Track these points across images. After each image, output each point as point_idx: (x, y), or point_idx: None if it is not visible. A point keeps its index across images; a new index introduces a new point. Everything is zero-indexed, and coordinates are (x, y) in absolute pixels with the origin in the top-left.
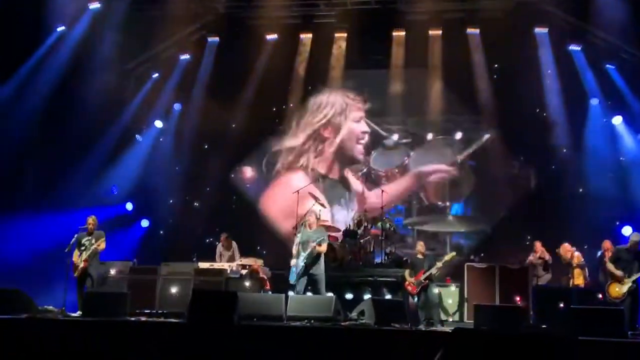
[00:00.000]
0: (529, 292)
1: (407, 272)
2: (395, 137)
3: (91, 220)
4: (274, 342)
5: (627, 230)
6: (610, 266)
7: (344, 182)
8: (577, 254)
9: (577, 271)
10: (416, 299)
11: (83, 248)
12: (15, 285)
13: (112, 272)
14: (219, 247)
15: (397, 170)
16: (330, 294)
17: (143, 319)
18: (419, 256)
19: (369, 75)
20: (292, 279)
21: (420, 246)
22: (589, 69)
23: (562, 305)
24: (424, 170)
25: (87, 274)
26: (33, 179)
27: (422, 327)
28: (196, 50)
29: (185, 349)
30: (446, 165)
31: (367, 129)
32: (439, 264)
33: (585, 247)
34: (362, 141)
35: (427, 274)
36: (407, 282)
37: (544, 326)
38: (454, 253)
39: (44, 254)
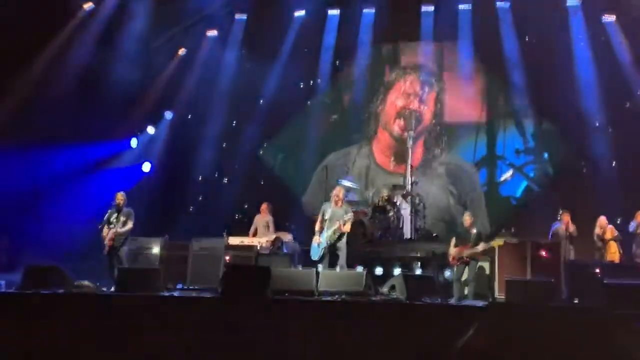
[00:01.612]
0: (561, 267)
1: (452, 241)
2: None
3: (120, 196)
4: (306, 317)
5: None
6: None
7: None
8: (610, 227)
9: (611, 245)
10: (451, 273)
11: (112, 225)
12: (52, 261)
13: (143, 248)
14: (257, 217)
15: None
16: (360, 269)
17: (176, 294)
18: (466, 228)
19: (398, 51)
20: (315, 256)
21: (467, 218)
22: (623, 40)
23: (594, 280)
24: None
25: (115, 251)
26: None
27: (453, 301)
28: (224, 27)
29: (219, 323)
30: None
31: (404, 104)
32: (483, 247)
33: (619, 220)
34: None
35: (471, 251)
36: (449, 252)
37: (575, 301)
38: (501, 241)
39: (81, 230)
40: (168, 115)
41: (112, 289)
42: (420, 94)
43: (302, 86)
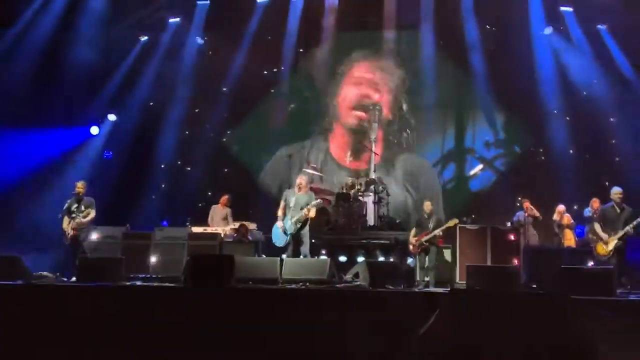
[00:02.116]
0: (520, 252)
1: (412, 232)
2: None
3: (80, 185)
4: (270, 305)
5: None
6: (597, 227)
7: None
8: (567, 215)
9: (567, 232)
10: (413, 260)
11: (73, 215)
12: (11, 252)
13: (104, 237)
14: (214, 207)
15: None
16: (324, 257)
17: (138, 283)
18: (426, 216)
19: (361, 38)
20: (280, 242)
21: (427, 205)
22: (580, 29)
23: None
24: None
25: (78, 241)
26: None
27: (416, 288)
28: (186, 13)
29: (182, 313)
30: None
31: (363, 94)
32: (439, 230)
33: (576, 207)
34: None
35: (431, 236)
36: (410, 242)
37: (534, 286)
38: (456, 220)
39: (37, 220)
40: (112, 117)
41: (73, 279)
42: (380, 83)
43: (265, 73)
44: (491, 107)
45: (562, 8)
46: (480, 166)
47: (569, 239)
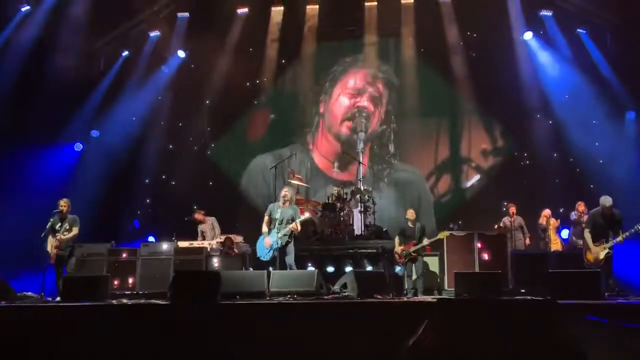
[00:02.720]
0: (507, 257)
1: (396, 240)
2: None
3: (64, 203)
4: (258, 319)
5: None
6: (587, 236)
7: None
8: (552, 220)
9: (553, 236)
10: (401, 268)
11: (57, 234)
12: None
13: (90, 255)
14: (199, 227)
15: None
16: (312, 268)
17: (124, 301)
18: (410, 225)
19: (343, 47)
20: (265, 256)
21: (410, 214)
22: (560, 33)
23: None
24: None
25: (62, 260)
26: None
27: (405, 297)
28: (166, 27)
29: (169, 330)
30: None
31: (348, 103)
32: (428, 241)
33: (561, 210)
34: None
35: (418, 247)
36: (395, 251)
37: (522, 290)
38: (447, 232)
39: (20, 240)
40: (94, 133)
41: (58, 298)
42: (369, 90)
43: (248, 85)
44: (477, 113)
45: (542, 12)
46: (478, 176)
47: (556, 243)
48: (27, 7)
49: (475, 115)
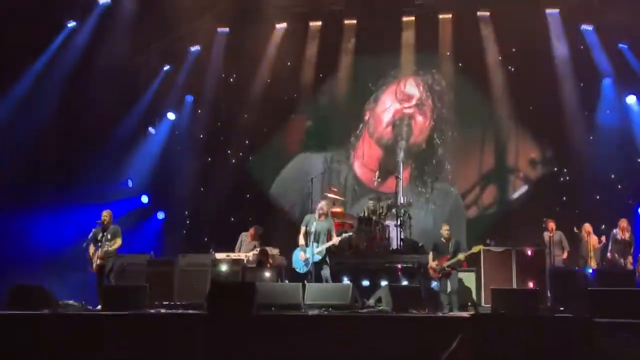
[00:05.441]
0: (546, 274)
1: (430, 256)
2: None
3: (106, 214)
4: (293, 331)
5: None
6: None
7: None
8: (594, 236)
9: (592, 253)
10: (437, 283)
11: (99, 244)
12: (37, 281)
13: (130, 265)
14: (243, 234)
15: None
16: (347, 282)
17: (163, 311)
18: (443, 240)
19: (381, 62)
20: (301, 268)
21: (444, 229)
22: (601, 48)
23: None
24: None
25: (104, 270)
26: (49, 174)
27: (440, 312)
28: (206, 41)
29: (205, 340)
30: None
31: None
32: (463, 255)
33: (603, 227)
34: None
35: (452, 261)
36: (429, 266)
37: (561, 308)
38: (480, 246)
39: (64, 249)
40: (152, 131)
41: (99, 307)
42: (417, 98)
43: (286, 98)
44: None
45: (583, 26)
46: (525, 187)
47: (593, 259)
48: (74, 23)
49: (519, 125)
